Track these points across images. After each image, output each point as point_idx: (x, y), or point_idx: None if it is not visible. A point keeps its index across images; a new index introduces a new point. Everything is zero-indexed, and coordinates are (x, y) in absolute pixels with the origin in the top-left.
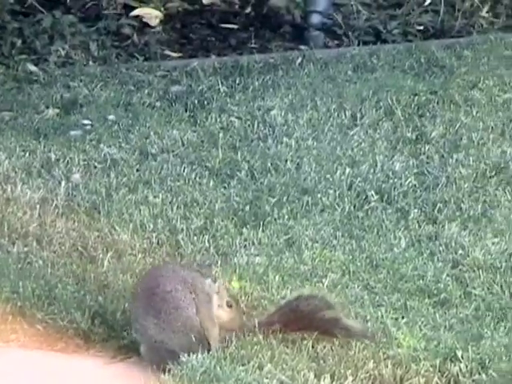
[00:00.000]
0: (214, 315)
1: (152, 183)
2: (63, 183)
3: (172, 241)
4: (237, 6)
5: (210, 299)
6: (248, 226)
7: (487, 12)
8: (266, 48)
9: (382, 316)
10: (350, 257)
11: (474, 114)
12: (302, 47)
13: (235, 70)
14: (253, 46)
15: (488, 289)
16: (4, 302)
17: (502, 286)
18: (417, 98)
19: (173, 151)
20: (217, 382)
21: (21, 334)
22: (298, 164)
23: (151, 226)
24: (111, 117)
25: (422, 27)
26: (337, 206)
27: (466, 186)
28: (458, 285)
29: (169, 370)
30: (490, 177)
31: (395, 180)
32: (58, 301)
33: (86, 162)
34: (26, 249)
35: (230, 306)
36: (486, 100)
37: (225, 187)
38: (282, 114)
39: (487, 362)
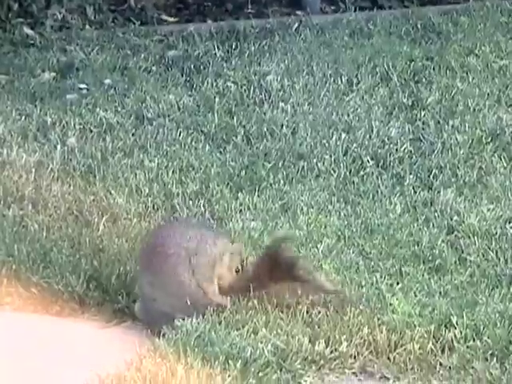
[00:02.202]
0: (214, 278)
1: (148, 148)
2: (59, 147)
3: (167, 205)
4: None
5: (214, 263)
6: (243, 191)
7: None
8: (263, 13)
9: (377, 282)
10: (345, 222)
11: (470, 80)
12: (299, 12)
13: (231, 35)
14: (249, 11)
15: (483, 255)
16: None
17: (497, 253)
18: (413, 63)
19: (169, 116)
20: (211, 346)
21: (16, 297)
22: (293, 129)
23: (147, 190)
24: (107, 81)
25: None
26: (332, 172)
27: (461, 152)
28: (452, 251)
29: (163, 335)
30: (486, 143)
31: (391, 146)
32: (53, 264)
33: (81, 126)
34: (21, 212)
35: (237, 272)
36: (482, 66)
37: (220, 152)
38: (278, 79)
39: (482, 328)
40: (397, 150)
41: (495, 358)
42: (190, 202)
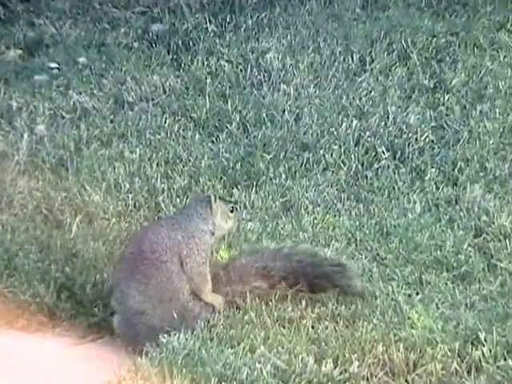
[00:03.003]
0: (207, 273)
1: (128, 136)
2: (26, 135)
3: (151, 203)
4: None
5: (206, 258)
6: (239, 187)
7: None
8: None
9: (394, 292)
10: (357, 223)
11: (501, 59)
12: None
13: (225, 7)
14: None
15: None
16: None
17: None
18: (435, 40)
19: (153, 99)
20: (202, 366)
21: None
22: (297, 115)
23: (127, 185)
24: (82, 59)
25: None
26: (342, 164)
27: (491, 142)
28: (481, 256)
29: (146, 353)
30: None
31: (410, 135)
32: (19, 271)
33: (52, 112)
34: None
35: (232, 211)
36: None
37: (212, 141)
38: (280, 57)
39: None
40: (416, 139)
41: None
42: (177, 200)
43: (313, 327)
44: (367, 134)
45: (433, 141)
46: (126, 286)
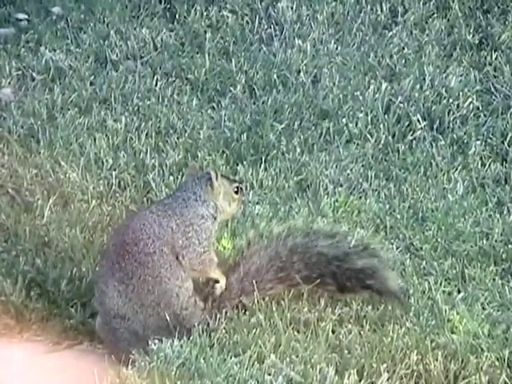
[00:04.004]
0: (212, 255)
1: (112, 102)
2: None
3: (139, 182)
4: None
5: (210, 239)
6: (245, 163)
7: None
8: None
9: (431, 289)
10: (387, 206)
11: None
12: None
13: None
14: None
15: None
16: None
17: None
18: None
19: (141, 57)
20: (200, 378)
21: None
22: (314, 77)
23: (110, 161)
24: (56, 9)
25: None
26: (369, 136)
27: None
28: None
29: (132, 362)
30: None
31: (450, 100)
32: None
33: (20, 72)
34: None
35: (236, 192)
36: None
37: (213, 108)
38: (294, 6)
39: None
40: (458, 105)
41: None
42: (171, 178)
43: (333, 331)
44: (399, 99)
45: (478, 108)
46: (105, 285)
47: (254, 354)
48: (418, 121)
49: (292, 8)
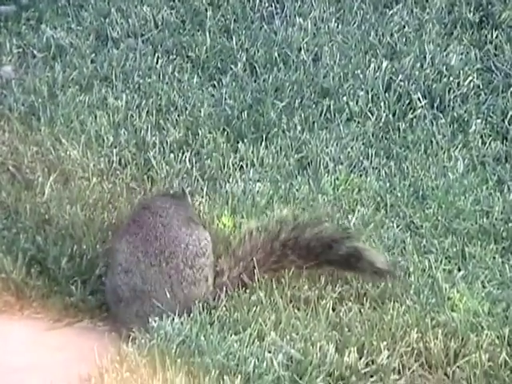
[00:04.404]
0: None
1: (113, 79)
2: None
3: (139, 159)
4: None
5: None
6: (245, 140)
7: None
8: None
9: (431, 267)
10: (387, 184)
11: None
12: None
13: None
14: None
15: None
16: None
17: None
18: None
19: (142, 35)
20: (200, 355)
21: None
22: (315, 55)
23: (111, 138)
24: None
25: None
26: (369, 114)
27: None
28: None
29: (133, 339)
30: None
31: (450, 79)
32: None
33: (20, 49)
34: None
35: None
36: None
37: (214, 86)
38: None
39: None
40: (459, 84)
41: None
42: (171, 156)
43: (333, 309)
44: (400, 77)
45: (478, 86)
46: (119, 242)
47: (254, 332)
48: (419, 99)
49: None
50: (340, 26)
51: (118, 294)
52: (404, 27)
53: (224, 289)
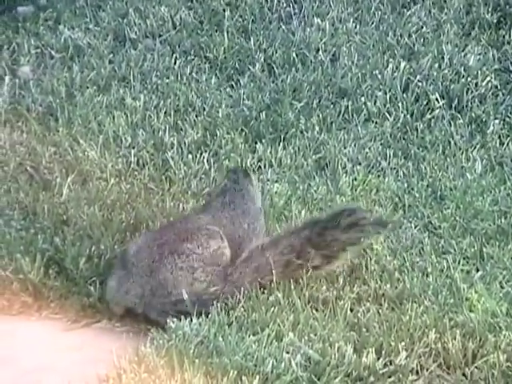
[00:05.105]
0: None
1: (130, 80)
2: (7, 79)
3: (157, 160)
4: None
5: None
6: (263, 141)
7: None
8: None
9: (449, 267)
10: (405, 185)
11: None
12: None
13: None
14: None
15: None
16: None
17: None
18: None
19: (160, 36)
20: (218, 356)
21: None
22: (333, 55)
23: (129, 139)
24: None
25: None
26: (387, 114)
27: None
28: None
29: (151, 340)
30: None
31: (468, 79)
32: None
33: (39, 50)
34: None
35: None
36: None
37: (232, 86)
38: None
39: None
40: (477, 84)
41: None
42: (190, 156)
43: (351, 310)
44: (417, 77)
45: (496, 86)
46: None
47: (272, 333)
48: (437, 99)
49: None
50: (358, 27)
51: (127, 288)
52: (422, 27)
53: (242, 289)
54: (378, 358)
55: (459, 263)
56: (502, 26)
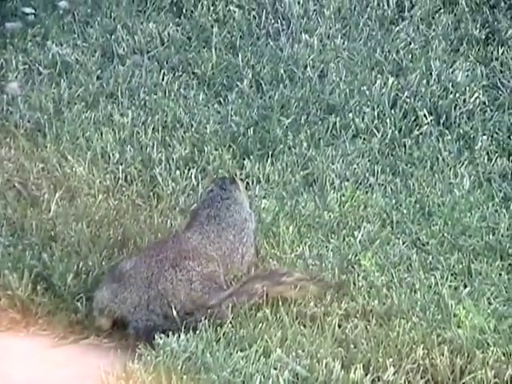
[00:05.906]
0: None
1: (118, 96)
2: None
3: (145, 176)
4: None
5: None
6: (251, 157)
7: None
8: None
9: (437, 283)
10: (393, 201)
11: None
12: None
13: None
14: None
15: None
16: None
17: None
18: None
19: (148, 52)
20: (206, 372)
21: None
22: (321, 71)
23: (117, 155)
24: (63, 3)
25: None
26: (375, 131)
27: None
28: None
29: (139, 356)
30: None
31: (457, 95)
32: None
33: (26, 66)
34: None
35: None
36: None
37: (220, 102)
38: (301, 1)
39: None
40: (465, 100)
41: None
42: (177, 173)
43: (339, 326)
44: (406, 93)
45: (484, 103)
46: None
47: (260, 349)
48: (425, 116)
49: (299, 3)
50: (346, 43)
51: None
52: (410, 44)
53: (229, 306)
54: (366, 374)
55: (447, 279)
56: (490, 42)
